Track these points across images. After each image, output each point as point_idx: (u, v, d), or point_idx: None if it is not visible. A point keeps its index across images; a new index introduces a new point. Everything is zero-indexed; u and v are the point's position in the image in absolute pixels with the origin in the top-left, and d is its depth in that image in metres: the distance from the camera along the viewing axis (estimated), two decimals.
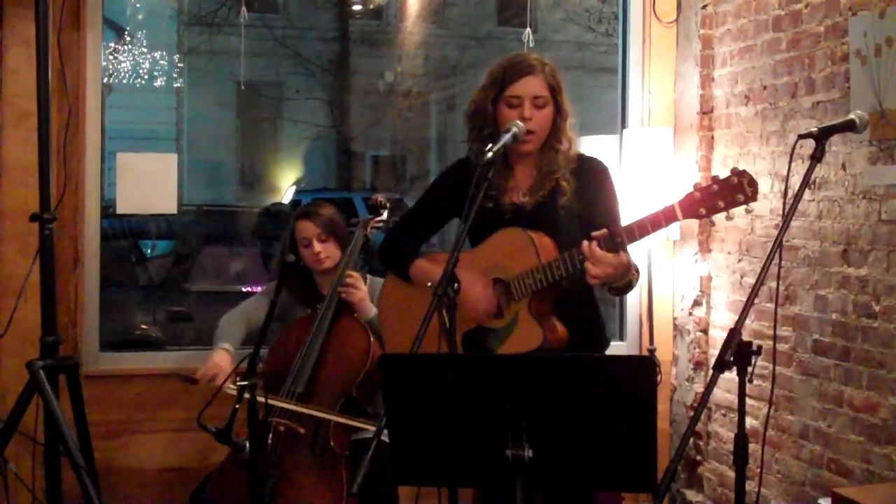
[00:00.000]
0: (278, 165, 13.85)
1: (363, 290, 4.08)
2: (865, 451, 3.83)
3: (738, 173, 2.82)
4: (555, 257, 3.13)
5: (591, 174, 3.37)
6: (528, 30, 5.13)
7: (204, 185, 13.00)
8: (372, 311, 4.04)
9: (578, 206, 3.31)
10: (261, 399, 3.40)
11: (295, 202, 11.94)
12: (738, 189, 2.81)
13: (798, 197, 2.76)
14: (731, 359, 2.56)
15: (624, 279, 3.14)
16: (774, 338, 3.35)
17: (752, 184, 2.80)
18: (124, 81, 10.38)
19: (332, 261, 4.16)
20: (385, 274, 3.73)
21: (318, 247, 4.14)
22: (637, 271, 3.25)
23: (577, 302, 3.29)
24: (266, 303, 4.27)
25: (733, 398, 4.54)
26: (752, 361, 2.59)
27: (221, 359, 4.08)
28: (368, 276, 4.28)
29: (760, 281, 2.67)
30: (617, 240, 2.99)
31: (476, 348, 3.29)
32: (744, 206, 2.83)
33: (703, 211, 2.87)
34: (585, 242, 3.01)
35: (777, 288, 3.16)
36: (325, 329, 4.01)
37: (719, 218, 4.61)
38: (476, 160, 3.12)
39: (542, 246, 3.20)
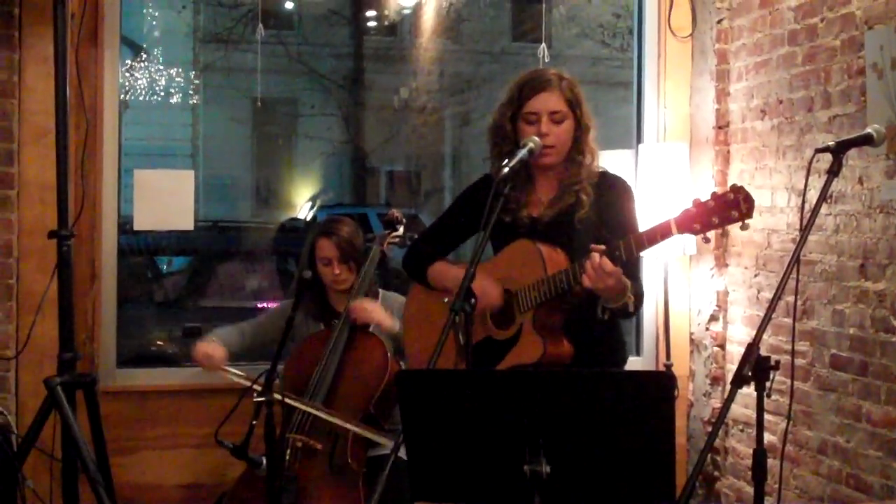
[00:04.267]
0: (293, 181, 13.87)
1: (374, 310, 4.06)
2: (884, 466, 3.80)
3: (735, 189, 2.79)
4: (559, 270, 3.12)
5: (613, 190, 3.37)
6: (543, 45, 5.14)
7: (219, 202, 13.04)
8: (396, 324, 4.03)
9: (596, 221, 3.30)
10: (278, 397, 3.42)
11: (314, 218, 11.95)
12: (733, 205, 2.78)
13: (815, 211, 2.75)
14: (750, 374, 2.55)
15: (619, 300, 3.09)
16: (793, 352, 3.34)
17: (748, 200, 2.77)
18: (140, 98, 10.42)
19: (350, 283, 4.16)
20: (408, 286, 3.75)
21: (337, 269, 4.15)
22: (636, 297, 3.17)
23: (592, 318, 3.27)
24: (270, 319, 4.31)
25: (750, 413, 4.52)
26: (771, 376, 2.58)
27: (207, 345, 4.14)
28: (381, 290, 4.29)
29: (778, 295, 2.66)
30: (615, 253, 2.98)
31: (482, 359, 3.28)
32: (738, 224, 2.80)
33: (697, 227, 2.84)
34: (588, 263, 2.99)
35: (795, 302, 3.15)
36: (341, 345, 4.01)
37: (736, 232, 4.63)
38: (494, 176, 3.13)
39: (550, 258, 3.19)
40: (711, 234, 2.88)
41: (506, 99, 3.39)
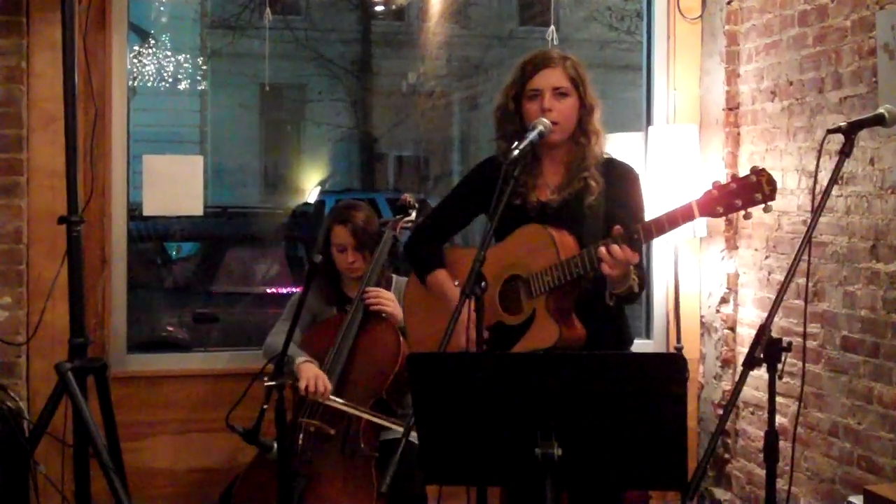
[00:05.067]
0: (302, 167, 13.88)
1: (391, 301, 4.06)
2: None
3: (758, 172, 2.78)
4: (573, 255, 3.12)
5: (620, 178, 3.36)
6: (552, 28, 5.12)
7: (228, 187, 13.05)
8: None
9: (604, 207, 3.29)
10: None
11: (319, 203, 11.94)
12: (756, 188, 2.77)
13: (827, 193, 2.74)
14: (761, 356, 2.54)
15: (625, 283, 3.09)
16: (804, 334, 3.33)
17: (771, 182, 2.76)
18: (149, 84, 10.43)
19: (364, 270, 4.15)
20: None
21: (352, 256, 4.14)
22: (639, 279, 3.18)
23: (599, 300, 3.26)
24: (289, 317, 4.29)
25: (761, 395, 4.52)
26: (782, 358, 2.57)
27: (312, 368, 3.92)
28: (394, 276, 4.28)
29: (789, 277, 2.65)
30: (634, 236, 2.98)
31: (494, 345, 3.28)
32: (762, 206, 2.80)
33: (720, 209, 2.84)
34: (602, 248, 2.99)
35: (806, 284, 3.14)
36: (354, 331, 4.01)
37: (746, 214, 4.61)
38: (503, 158, 3.12)
39: (562, 243, 3.19)
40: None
41: (509, 80, 3.41)
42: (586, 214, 3.28)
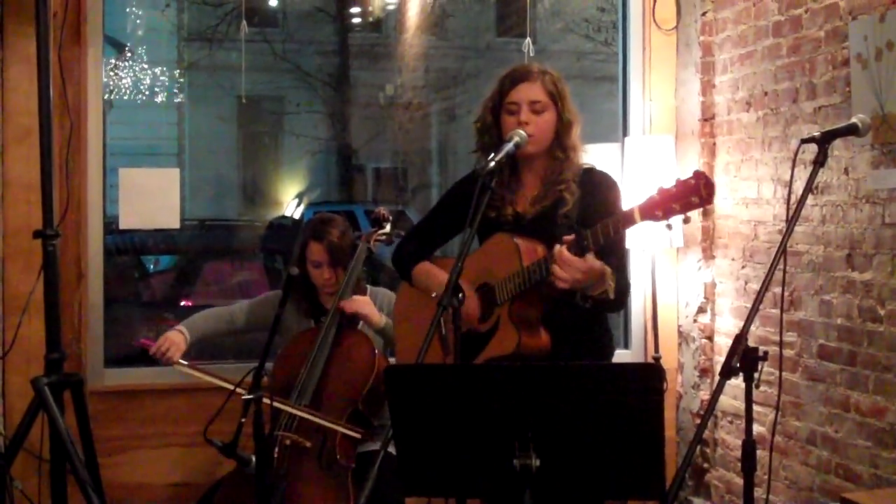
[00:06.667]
0: (280, 179, 13.85)
1: (364, 304, 4.08)
2: (873, 455, 3.81)
3: (697, 175, 2.77)
4: (533, 261, 3.12)
5: (597, 185, 3.36)
6: (528, 40, 5.14)
7: (206, 200, 13.01)
8: (382, 320, 4.05)
9: (579, 217, 3.29)
10: (267, 401, 3.42)
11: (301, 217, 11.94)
12: (693, 191, 2.76)
13: (802, 202, 2.75)
14: (738, 365, 2.55)
15: (598, 288, 3.08)
16: (781, 343, 3.34)
17: (709, 186, 2.75)
18: (125, 97, 10.38)
19: (339, 285, 4.16)
20: (397, 283, 3.76)
21: (328, 273, 4.15)
22: (619, 288, 3.14)
23: (572, 310, 3.23)
24: (262, 305, 4.31)
25: (739, 405, 4.53)
26: (759, 367, 2.58)
27: (174, 335, 4.14)
28: (369, 286, 4.29)
29: (765, 287, 2.66)
30: (583, 242, 2.97)
31: (464, 352, 3.28)
32: (700, 210, 2.79)
33: (658, 213, 2.83)
34: (557, 246, 3.00)
35: (782, 293, 3.15)
36: (329, 342, 4.01)
37: (723, 224, 4.63)
38: (479, 169, 3.13)
39: (527, 251, 3.19)
40: (679, 220, 2.84)
41: (489, 93, 3.42)
42: (559, 225, 3.27)
